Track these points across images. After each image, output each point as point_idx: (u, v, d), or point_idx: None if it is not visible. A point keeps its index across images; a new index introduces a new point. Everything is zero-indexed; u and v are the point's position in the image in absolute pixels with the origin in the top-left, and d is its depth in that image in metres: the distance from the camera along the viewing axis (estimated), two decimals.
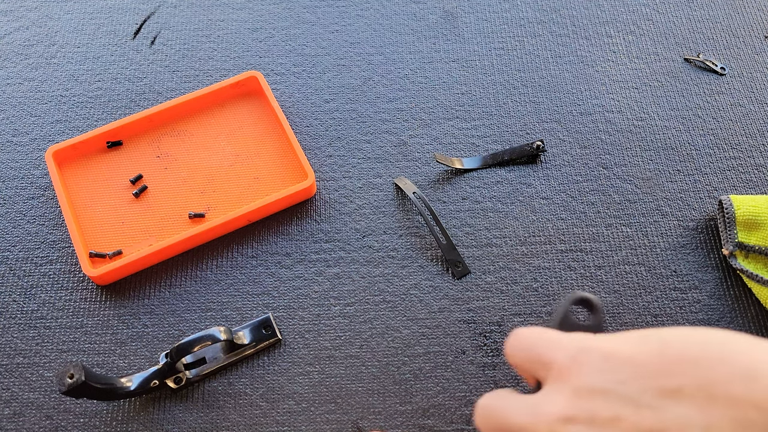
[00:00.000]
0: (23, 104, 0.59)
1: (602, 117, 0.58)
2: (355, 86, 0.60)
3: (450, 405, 0.47)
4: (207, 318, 0.50)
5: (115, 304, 0.50)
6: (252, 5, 0.64)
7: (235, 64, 0.61)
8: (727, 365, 0.24)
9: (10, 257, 0.52)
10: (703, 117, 0.58)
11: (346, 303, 0.50)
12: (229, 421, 0.46)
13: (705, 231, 0.53)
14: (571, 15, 0.64)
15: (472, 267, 0.52)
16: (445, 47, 0.62)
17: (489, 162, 0.56)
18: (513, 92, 0.60)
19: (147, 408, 0.47)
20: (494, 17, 0.64)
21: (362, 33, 0.63)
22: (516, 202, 0.55)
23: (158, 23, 0.63)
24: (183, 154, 0.56)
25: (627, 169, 0.56)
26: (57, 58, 0.61)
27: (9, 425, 0.46)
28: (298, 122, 0.58)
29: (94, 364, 0.48)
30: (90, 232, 0.53)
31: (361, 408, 0.47)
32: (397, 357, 0.49)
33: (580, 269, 0.52)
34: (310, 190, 0.53)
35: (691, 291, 0.51)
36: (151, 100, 0.59)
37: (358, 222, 0.54)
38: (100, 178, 0.55)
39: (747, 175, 0.56)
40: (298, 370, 0.48)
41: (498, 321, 0.50)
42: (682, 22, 0.64)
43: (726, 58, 0.62)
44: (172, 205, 0.54)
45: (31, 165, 0.56)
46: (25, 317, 0.50)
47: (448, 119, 0.58)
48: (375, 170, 0.56)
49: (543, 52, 0.62)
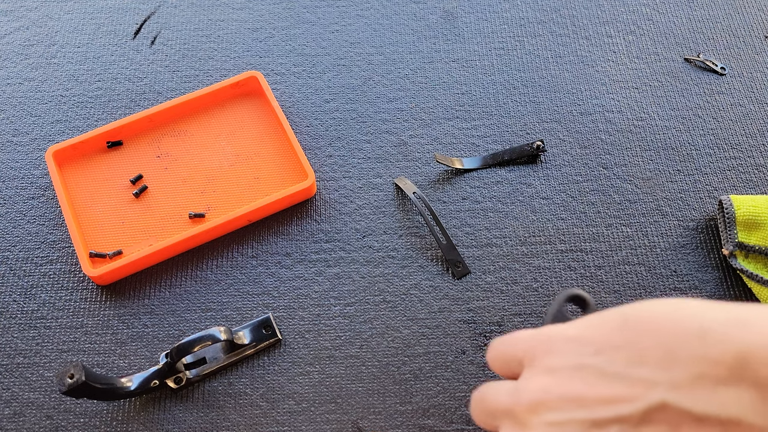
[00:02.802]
0: (23, 104, 0.59)
1: (602, 117, 0.58)
2: (355, 86, 0.60)
3: (450, 405, 0.47)
4: (207, 318, 0.50)
5: (116, 304, 0.50)
6: (252, 5, 0.64)
7: (235, 64, 0.61)
8: (682, 327, 0.25)
9: (10, 257, 0.52)
10: (703, 117, 0.58)
11: (346, 303, 0.51)
12: (230, 421, 0.46)
13: (705, 231, 0.53)
14: (571, 15, 0.64)
15: (472, 267, 0.52)
16: (445, 47, 0.62)
17: (489, 162, 0.56)
18: (513, 92, 0.60)
19: (147, 408, 0.47)
20: (494, 17, 0.64)
21: (362, 33, 0.63)
22: (516, 202, 0.55)
23: (158, 23, 0.63)
24: (183, 154, 0.56)
25: (627, 169, 0.56)
26: (57, 58, 0.61)
27: (9, 425, 0.46)
28: (298, 122, 0.58)
29: (95, 364, 0.48)
30: (90, 232, 0.53)
31: (361, 408, 0.47)
32: (397, 357, 0.49)
33: (580, 269, 0.52)
34: (310, 190, 0.54)
35: (691, 291, 0.51)
36: (151, 100, 0.59)
37: (358, 222, 0.54)
38: (100, 178, 0.55)
39: (747, 175, 0.56)
40: (298, 370, 0.48)
41: (498, 321, 0.50)
42: (682, 22, 0.64)
43: (726, 58, 0.62)
44: (173, 205, 0.54)
45: (31, 165, 0.56)
46: (26, 317, 0.50)
47: (448, 119, 0.58)
48: (375, 170, 0.56)
49: (543, 52, 0.62)
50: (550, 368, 0.29)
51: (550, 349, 0.29)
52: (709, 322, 0.25)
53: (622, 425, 0.25)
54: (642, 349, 0.26)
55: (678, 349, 0.25)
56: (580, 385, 0.27)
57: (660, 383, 0.25)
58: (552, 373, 0.29)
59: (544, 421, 0.28)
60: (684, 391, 0.24)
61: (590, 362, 0.27)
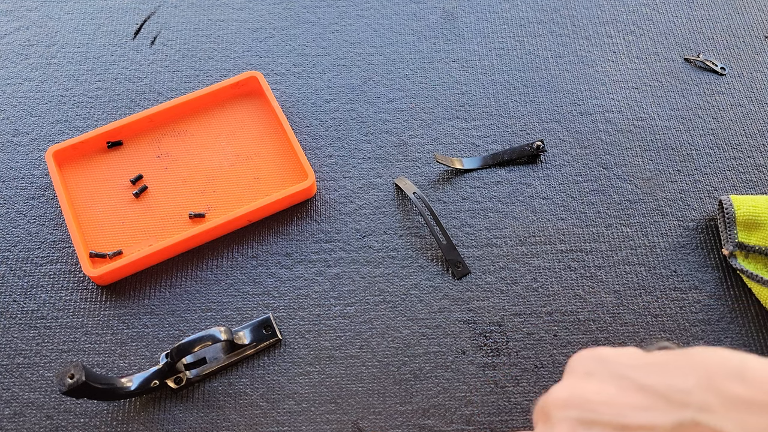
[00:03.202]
0: (23, 104, 0.59)
1: (602, 117, 0.58)
2: (355, 86, 0.60)
3: (450, 405, 0.47)
4: (207, 318, 0.50)
5: (116, 304, 0.50)
6: (252, 5, 0.64)
7: (235, 64, 0.61)
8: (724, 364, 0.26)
9: (10, 257, 0.52)
10: (703, 117, 0.58)
11: (346, 303, 0.51)
12: (230, 421, 0.46)
13: (705, 231, 0.53)
14: (571, 15, 0.64)
15: (472, 267, 0.52)
16: (445, 47, 0.62)
17: (489, 162, 0.56)
18: (513, 92, 0.60)
19: (147, 408, 0.47)
20: (494, 17, 0.64)
21: (362, 33, 0.63)
22: (516, 202, 0.55)
23: (158, 23, 0.63)
24: (183, 154, 0.56)
25: (627, 169, 0.56)
26: (57, 58, 0.61)
27: (9, 425, 0.46)
28: (298, 122, 0.58)
29: (95, 364, 0.48)
30: (90, 232, 0.53)
31: (361, 408, 0.47)
32: (397, 357, 0.49)
33: (580, 269, 0.52)
34: (310, 191, 0.54)
35: (691, 291, 0.51)
36: (151, 100, 0.59)
37: (359, 222, 0.54)
38: (100, 178, 0.55)
39: (747, 175, 0.56)
40: (299, 370, 0.48)
41: (498, 321, 0.50)
42: (682, 22, 0.64)
43: (726, 58, 0.62)
44: (173, 205, 0.54)
45: (31, 165, 0.56)
46: (26, 317, 0.50)
47: (448, 119, 0.58)
48: (375, 170, 0.56)
49: (543, 52, 0.62)
50: (588, 373, 0.29)
51: (594, 358, 0.30)
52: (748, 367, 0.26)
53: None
54: (682, 373, 0.26)
55: (717, 379, 0.25)
56: (614, 391, 0.28)
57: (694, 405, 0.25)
58: (589, 376, 0.29)
59: (571, 417, 0.28)
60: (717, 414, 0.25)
61: (629, 374, 0.28)
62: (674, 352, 0.28)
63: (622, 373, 0.28)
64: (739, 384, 0.25)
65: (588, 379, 0.29)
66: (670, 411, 0.26)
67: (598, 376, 0.29)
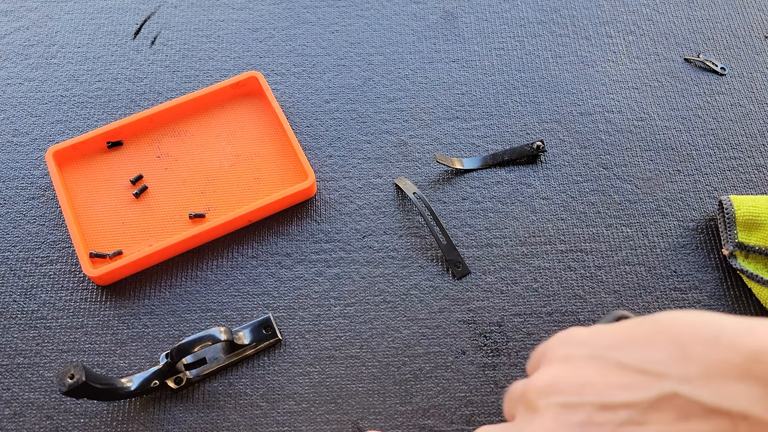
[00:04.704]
0: (23, 104, 0.59)
1: (602, 117, 0.58)
2: (355, 86, 0.60)
3: (450, 405, 0.47)
4: (207, 318, 0.50)
5: (116, 305, 0.50)
6: (252, 5, 0.64)
7: (235, 64, 0.61)
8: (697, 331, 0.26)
9: (10, 257, 0.52)
10: (703, 117, 0.58)
11: (346, 303, 0.51)
12: (230, 421, 0.46)
13: (705, 231, 0.53)
14: (571, 15, 0.64)
15: (472, 267, 0.52)
16: (445, 47, 0.62)
17: (489, 162, 0.56)
18: (513, 92, 0.60)
19: (147, 408, 0.47)
20: (494, 17, 0.64)
21: (362, 33, 0.63)
22: (516, 202, 0.55)
23: (158, 23, 0.63)
24: (183, 154, 0.56)
25: (627, 169, 0.56)
26: (57, 58, 0.61)
27: (9, 425, 0.46)
28: (299, 122, 0.58)
29: (95, 365, 0.48)
30: (90, 232, 0.53)
31: (361, 408, 0.47)
32: (397, 357, 0.49)
33: (580, 269, 0.52)
34: (310, 191, 0.54)
35: (691, 291, 0.51)
36: (151, 100, 0.59)
37: (359, 222, 0.54)
38: (100, 179, 0.55)
39: (747, 175, 0.56)
40: (299, 370, 0.48)
41: (498, 321, 0.50)
42: (682, 22, 0.64)
43: (726, 58, 0.62)
44: (173, 206, 0.54)
45: (31, 165, 0.56)
46: (26, 317, 0.50)
47: (448, 119, 0.58)
48: (375, 170, 0.56)
49: (543, 52, 0.62)
50: (565, 357, 0.30)
51: (568, 341, 0.30)
52: (722, 329, 0.26)
53: (631, 410, 0.26)
54: (657, 347, 0.27)
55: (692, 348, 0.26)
56: (593, 373, 0.28)
57: (673, 376, 0.26)
58: (566, 361, 0.30)
59: (553, 402, 0.28)
60: (695, 384, 0.25)
61: (605, 354, 0.28)
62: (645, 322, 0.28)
63: (599, 353, 0.28)
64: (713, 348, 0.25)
65: (566, 363, 0.29)
66: (649, 385, 0.26)
67: (575, 359, 0.29)
